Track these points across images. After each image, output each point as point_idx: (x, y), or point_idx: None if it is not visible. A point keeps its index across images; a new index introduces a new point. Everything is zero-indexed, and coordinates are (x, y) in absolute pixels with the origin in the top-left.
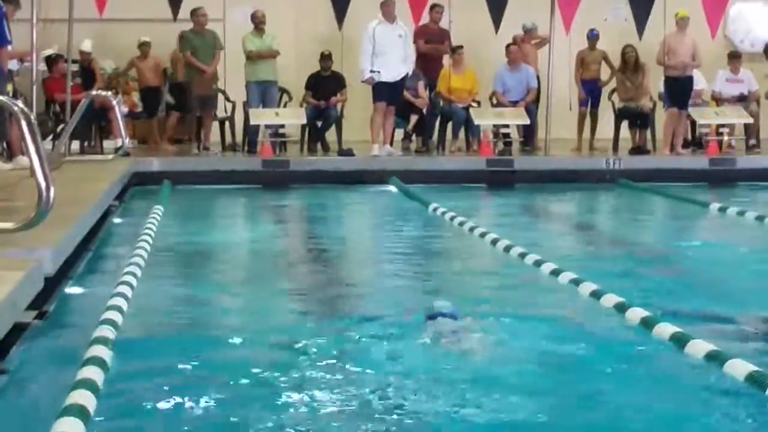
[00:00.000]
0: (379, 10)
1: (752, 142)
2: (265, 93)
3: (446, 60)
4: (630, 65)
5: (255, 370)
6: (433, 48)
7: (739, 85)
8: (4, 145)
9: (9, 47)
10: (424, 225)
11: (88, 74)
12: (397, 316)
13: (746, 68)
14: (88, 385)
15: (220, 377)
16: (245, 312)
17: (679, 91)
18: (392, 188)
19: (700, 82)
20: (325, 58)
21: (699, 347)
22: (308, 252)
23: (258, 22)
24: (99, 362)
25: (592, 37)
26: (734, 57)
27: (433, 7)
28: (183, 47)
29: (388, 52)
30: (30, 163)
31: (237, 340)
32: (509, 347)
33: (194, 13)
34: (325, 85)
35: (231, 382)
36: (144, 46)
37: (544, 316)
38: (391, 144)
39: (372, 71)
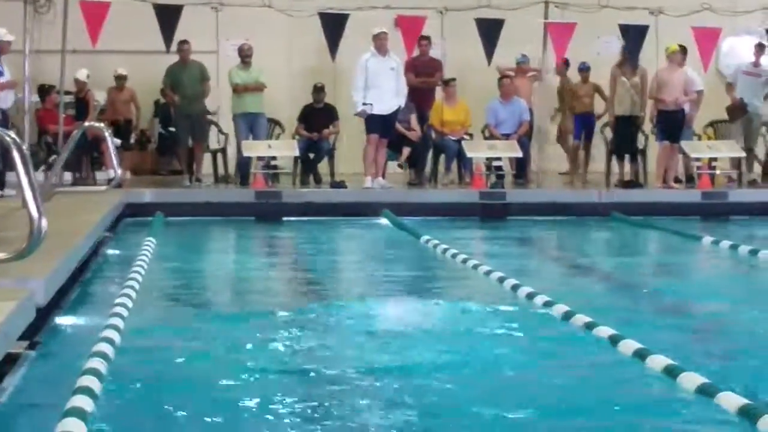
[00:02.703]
0: (371, 42)
1: (752, 177)
2: (253, 124)
3: (439, 92)
4: (627, 63)
5: (245, 403)
6: (423, 81)
7: (757, 79)
8: None
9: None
10: (416, 257)
11: (82, 105)
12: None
13: None
14: (78, 413)
15: (210, 406)
16: (235, 345)
17: (671, 125)
18: (384, 221)
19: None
20: (318, 90)
21: (691, 379)
22: (299, 284)
23: (244, 56)
24: (89, 392)
25: (583, 69)
26: (760, 47)
27: (419, 39)
28: (164, 81)
29: (380, 85)
30: (22, 193)
31: (226, 373)
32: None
33: (179, 46)
34: (317, 117)
35: (221, 413)
36: (120, 80)
37: (540, 350)
38: (384, 176)
39: (365, 104)
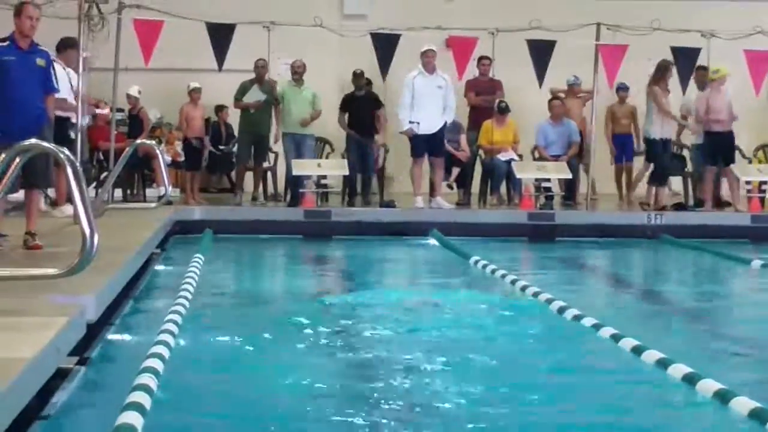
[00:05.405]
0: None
1: None
2: (299, 144)
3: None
4: (666, 81)
5: (295, 421)
6: (484, 99)
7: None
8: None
9: (56, 95)
10: (465, 278)
11: (136, 122)
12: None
13: None
14: (128, 429)
15: (259, 421)
16: (284, 361)
17: (721, 146)
18: (433, 241)
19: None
20: (358, 77)
21: (743, 404)
22: (347, 302)
23: (294, 73)
24: (138, 408)
25: (621, 89)
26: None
27: (480, 59)
28: (236, 95)
29: (426, 104)
30: (74, 210)
31: (276, 390)
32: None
33: (256, 63)
34: (360, 105)
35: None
36: (195, 92)
37: (586, 370)
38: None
39: (411, 122)
